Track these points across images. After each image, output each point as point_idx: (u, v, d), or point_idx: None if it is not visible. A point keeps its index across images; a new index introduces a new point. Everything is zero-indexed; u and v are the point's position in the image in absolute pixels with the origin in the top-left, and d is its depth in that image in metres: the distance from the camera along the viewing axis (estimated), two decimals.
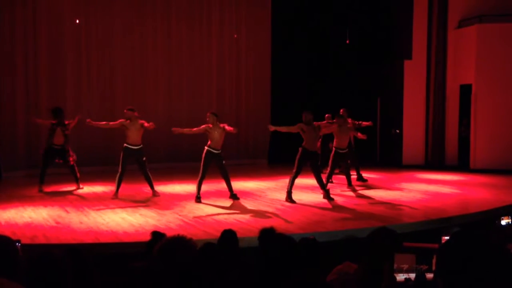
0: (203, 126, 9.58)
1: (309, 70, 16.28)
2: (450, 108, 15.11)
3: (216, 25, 15.52)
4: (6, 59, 13.17)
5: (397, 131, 15.45)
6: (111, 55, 14.36)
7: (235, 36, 15.84)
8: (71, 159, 10.76)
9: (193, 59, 15.33)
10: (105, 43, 14.26)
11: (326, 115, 12.20)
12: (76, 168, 10.87)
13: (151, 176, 10.20)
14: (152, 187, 10.21)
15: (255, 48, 16.00)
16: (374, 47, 15.97)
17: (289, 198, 9.57)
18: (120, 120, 10.09)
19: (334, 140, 10.78)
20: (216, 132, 9.54)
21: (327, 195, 9.74)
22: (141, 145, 10.05)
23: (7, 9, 13.05)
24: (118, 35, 14.37)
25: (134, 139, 9.93)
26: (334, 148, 10.70)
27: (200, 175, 9.62)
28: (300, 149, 9.70)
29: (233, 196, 9.75)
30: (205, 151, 9.64)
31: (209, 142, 9.65)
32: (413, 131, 15.21)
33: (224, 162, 9.72)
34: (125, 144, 10.01)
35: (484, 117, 14.15)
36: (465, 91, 14.62)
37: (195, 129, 9.72)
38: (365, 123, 11.88)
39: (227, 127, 9.62)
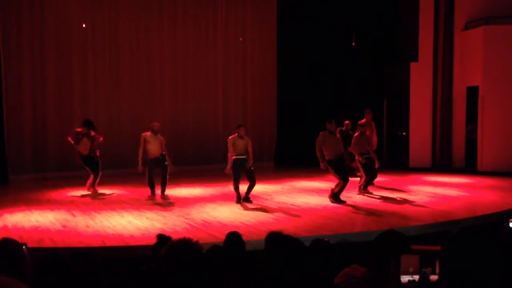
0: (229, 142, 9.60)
1: (315, 72, 16.27)
2: (457, 110, 15.05)
3: (222, 27, 15.56)
4: (13, 63, 13.25)
5: (404, 133, 15.40)
6: (118, 58, 14.42)
7: (241, 39, 15.87)
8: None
9: (199, 62, 15.36)
10: (111, 47, 14.32)
11: (346, 122, 11.98)
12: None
13: (167, 182, 10.23)
14: (163, 192, 10.21)
15: (261, 50, 16.03)
16: (381, 49, 15.94)
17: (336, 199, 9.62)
18: (142, 135, 10.08)
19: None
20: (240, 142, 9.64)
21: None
22: (162, 153, 10.11)
23: (14, 14, 13.14)
24: (124, 39, 14.43)
25: (153, 152, 10.00)
26: (357, 156, 10.59)
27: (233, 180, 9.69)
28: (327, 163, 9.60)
29: (246, 199, 9.77)
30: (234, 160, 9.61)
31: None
32: (420, 133, 15.15)
33: (252, 168, 9.75)
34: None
35: (491, 119, 14.09)
36: (472, 93, 14.56)
37: (229, 150, 9.66)
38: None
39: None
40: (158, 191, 10.27)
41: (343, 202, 9.60)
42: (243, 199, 9.74)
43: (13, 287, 1.16)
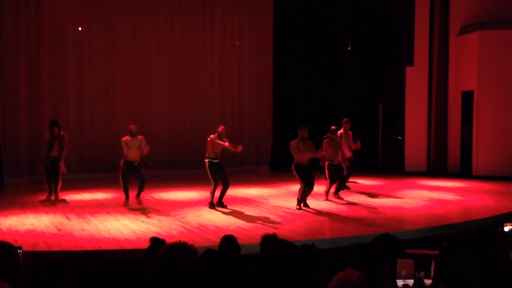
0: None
1: (311, 76, 16.29)
2: (452, 114, 15.10)
3: (218, 32, 15.57)
4: (9, 66, 13.23)
5: (399, 137, 15.44)
6: (114, 63, 14.40)
7: (238, 43, 15.89)
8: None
9: (196, 66, 15.36)
10: (107, 51, 14.30)
11: (332, 128, 11.82)
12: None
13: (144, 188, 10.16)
14: (138, 194, 10.08)
15: (257, 54, 16.05)
16: (376, 54, 15.99)
17: (298, 204, 9.56)
18: (123, 140, 10.00)
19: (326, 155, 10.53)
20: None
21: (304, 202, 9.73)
22: (140, 159, 10.05)
23: (9, 17, 13.11)
24: (121, 42, 14.41)
25: (133, 156, 9.92)
26: (326, 163, 10.49)
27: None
28: (292, 165, 9.56)
29: (221, 203, 9.64)
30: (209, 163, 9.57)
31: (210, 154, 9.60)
32: (415, 137, 15.19)
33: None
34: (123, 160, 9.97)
35: (486, 124, 14.14)
36: (467, 97, 14.62)
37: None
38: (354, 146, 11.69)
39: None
40: (149, 195, 10.22)
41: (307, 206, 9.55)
42: (217, 204, 9.62)
43: None
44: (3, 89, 13.13)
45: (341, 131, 11.48)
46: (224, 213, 9.17)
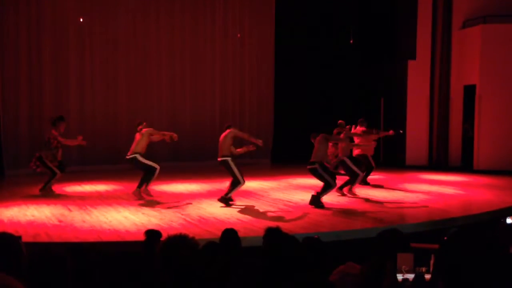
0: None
1: (313, 70, 16.27)
2: (454, 108, 15.08)
3: (219, 24, 15.54)
4: (10, 59, 13.22)
5: (401, 131, 15.43)
6: (115, 56, 14.39)
7: (239, 35, 15.85)
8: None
9: (197, 59, 15.34)
10: (108, 44, 14.29)
11: (339, 122, 11.69)
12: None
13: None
14: (139, 187, 10.03)
15: (259, 47, 16.02)
16: (378, 47, 15.95)
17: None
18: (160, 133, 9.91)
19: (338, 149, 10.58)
20: None
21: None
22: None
23: (11, 9, 13.09)
24: (122, 35, 14.40)
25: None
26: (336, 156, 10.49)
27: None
28: (317, 165, 9.44)
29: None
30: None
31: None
32: (416, 131, 15.19)
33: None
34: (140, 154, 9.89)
35: (488, 118, 14.12)
36: (469, 91, 14.59)
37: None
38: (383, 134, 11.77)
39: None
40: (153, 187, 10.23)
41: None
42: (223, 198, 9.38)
43: (10, 284, 1.16)
44: (4, 81, 13.13)
45: (356, 129, 11.42)
46: (225, 206, 9.17)
